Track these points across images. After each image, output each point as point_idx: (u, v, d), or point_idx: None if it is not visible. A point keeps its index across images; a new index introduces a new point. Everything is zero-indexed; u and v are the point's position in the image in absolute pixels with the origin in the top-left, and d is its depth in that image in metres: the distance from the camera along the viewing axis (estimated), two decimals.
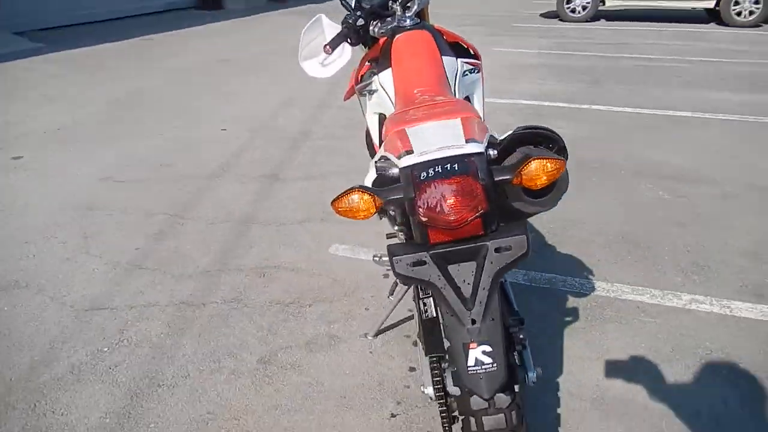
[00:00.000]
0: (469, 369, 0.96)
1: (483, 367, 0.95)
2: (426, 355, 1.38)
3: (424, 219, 0.88)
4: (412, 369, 1.96)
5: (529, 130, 1.07)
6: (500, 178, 0.95)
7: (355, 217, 1.02)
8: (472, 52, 2.06)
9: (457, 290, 0.96)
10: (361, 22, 1.90)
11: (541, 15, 11.50)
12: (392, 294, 2.03)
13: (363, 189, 1.01)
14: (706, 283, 2.43)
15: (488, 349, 0.94)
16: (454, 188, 0.90)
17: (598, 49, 7.77)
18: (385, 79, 1.93)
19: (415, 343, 2.08)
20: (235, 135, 4.41)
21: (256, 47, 8.06)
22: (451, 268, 0.97)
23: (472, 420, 1.10)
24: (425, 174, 0.92)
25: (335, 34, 1.91)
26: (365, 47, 2.15)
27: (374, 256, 2.07)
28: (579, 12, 10.36)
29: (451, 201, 0.89)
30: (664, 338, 2.09)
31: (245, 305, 2.32)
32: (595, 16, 10.50)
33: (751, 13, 9.45)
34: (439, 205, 0.89)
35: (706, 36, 8.91)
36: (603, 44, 8.18)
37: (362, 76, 2.13)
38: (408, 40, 1.88)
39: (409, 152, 1.03)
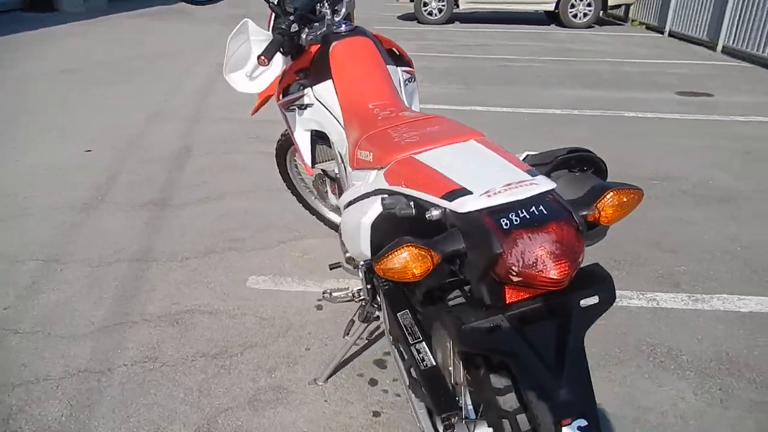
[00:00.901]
0: None
1: None
2: (440, 413, 1.21)
3: (516, 279, 0.71)
4: (376, 414, 1.78)
5: (571, 154, 0.95)
6: (581, 214, 0.81)
7: (405, 278, 0.83)
8: (405, 60, 1.92)
9: (540, 357, 0.81)
10: (295, 27, 1.67)
11: (399, 17, 11.73)
12: (348, 334, 1.82)
13: (414, 244, 0.82)
14: (626, 278, 2.53)
15: (584, 423, 0.80)
16: (554, 237, 0.74)
17: (461, 51, 8.06)
18: (323, 92, 1.72)
19: (372, 383, 1.90)
20: (103, 155, 3.85)
21: (105, 54, 7.23)
22: (528, 330, 0.81)
23: None
24: (508, 222, 0.75)
25: (266, 42, 1.65)
26: (286, 56, 1.91)
27: (324, 293, 1.85)
28: (435, 14, 10.71)
29: (554, 254, 0.73)
30: (610, 339, 2.12)
31: (163, 364, 1.97)
32: (450, 19, 10.94)
33: (585, 15, 10.43)
34: (539, 261, 0.72)
35: (549, 36, 9.65)
36: (464, 46, 8.50)
37: (286, 89, 1.90)
38: (349, 49, 1.69)
39: (464, 192, 0.85)
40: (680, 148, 4.22)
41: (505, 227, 0.74)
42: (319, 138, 1.97)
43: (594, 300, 0.82)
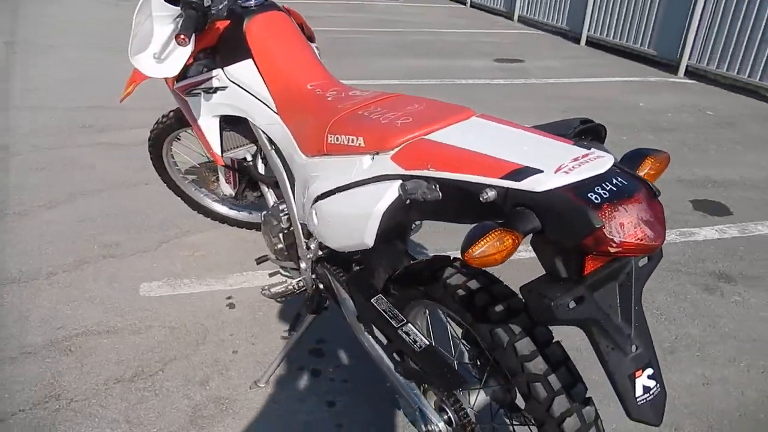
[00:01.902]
0: (638, 401, 0.88)
1: (651, 392, 0.88)
2: (451, 390, 1.22)
3: (615, 249, 0.74)
4: (331, 404, 1.73)
5: (585, 125, 1.01)
6: None
7: (488, 265, 0.81)
8: (309, 35, 1.84)
9: (613, 319, 0.86)
10: (209, 0, 1.49)
11: None
12: (293, 329, 1.73)
13: (501, 228, 0.80)
14: None
15: (651, 371, 0.87)
16: (644, 206, 0.78)
17: None
18: (240, 72, 1.58)
19: (316, 373, 1.84)
20: None
21: None
22: (599, 296, 0.85)
23: None
24: (597, 196, 0.77)
25: (170, 18, 1.45)
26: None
27: (263, 290, 1.73)
28: None
29: (649, 222, 0.76)
30: None
31: (71, 400, 1.69)
32: None
33: None
34: (638, 230, 0.75)
35: (365, 8, 9.86)
36: None
37: (184, 71, 1.71)
38: (268, 25, 1.56)
39: (532, 171, 0.85)
40: (517, 110, 4.65)
41: (596, 201, 0.77)
42: (226, 124, 1.81)
43: (646, 259, 0.90)
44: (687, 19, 6.14)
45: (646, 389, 0.87)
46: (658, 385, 0.88)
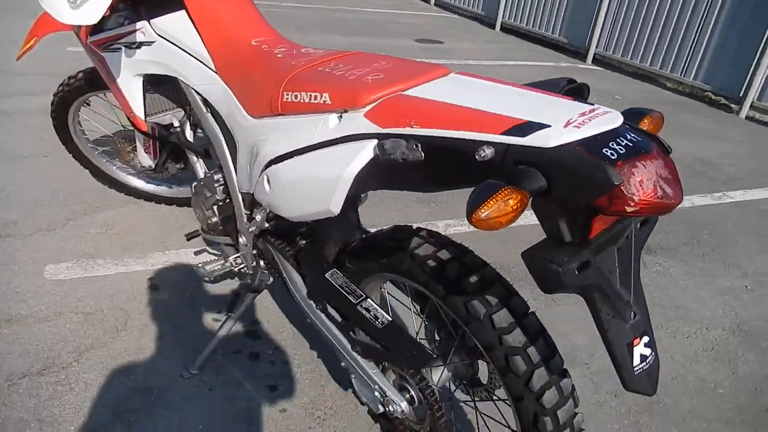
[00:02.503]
0: (636, 370, 0.83)
1: (647, 361, 0.84)
2: (418, 368, 1.15)
3: (632, 209, 0.68)
4: (272, 388, 1.62)
5: (571, 84, 0.95)
6: None
7: (494, 227, 0.73)
8: None
9: (614, 284, 0.80)
10: None
11: None
12: (231, 309, 1.59)
13: (510, 187, 0.72)
14: (439, 212, 2.73)
15: (647, 339, 0.84)
16: (661, 163, 0.72)
17: None
18: (170, 26, 1.42)
19: (254, 357, 1.71)
20: None
21: None
22: (600, 260, 0.80)
23: (547, 419, 0.99)
24: (613, 152, 0.71)
25: None
26: None
27: (197, 267, 1.57)
28: None
29: (668, 179, 0.71)
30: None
31: None
32: None
33: None
34: (658, 188, 0.70)
35: None
36: None
37: (104, 21, 1.51)
38: None
39: (537, 125, 0.77)
40: None
41: (612, 157, 0.71)
42: (150, 85, 1.62)
43: (643, 222, 0.86)
44: (595, 10, 6.43)
45: (643, 358, 0.83)
46: (653, 353, 0.85)
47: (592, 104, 0.84)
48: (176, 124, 1.68)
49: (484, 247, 2.03)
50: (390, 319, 1.18)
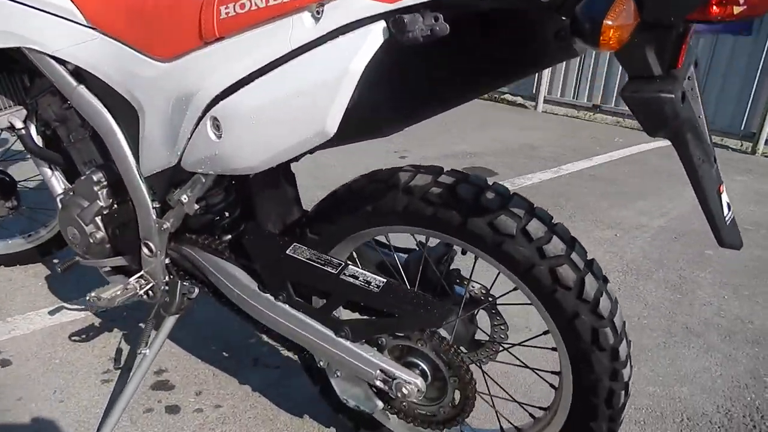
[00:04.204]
0: (726, 219, 0.74)
1: (731, 210, 0.76)
2: (436, 325, 0.96)
3: (740, 9, 0.59)
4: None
5: None
6: None
7: (618, 42, 0.60)
8: None
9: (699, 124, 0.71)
10: None
11: None
12: (146, 345, 1.21)
13: None
14: None
15: (724, 186, 0.76)
16: None
17: None
18: None
19: (173, 410, 1.35)
20: None
21: None
22: None
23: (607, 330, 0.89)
24: None
25: None
26: None
27: (89, 299, 1.19)
28: None
29: None
30: None
31: None
32: None
33: None
34: None
35: None
36: None
37: None
38: None
39: None
40: None
41: None
42: None
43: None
44: None
45: (729, 206, 0.77)
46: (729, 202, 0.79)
47: None
48: (18, 125, 1.28)
49: None
50: (386, 279, 0.99)
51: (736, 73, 4.48)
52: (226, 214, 1.14)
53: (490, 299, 1.13)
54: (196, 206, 1.06)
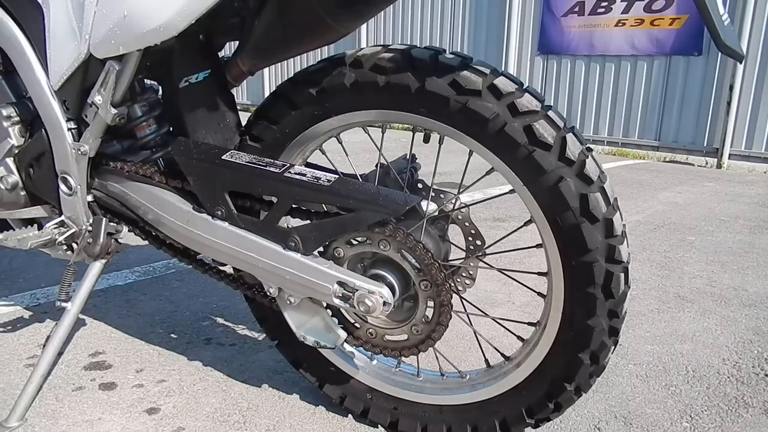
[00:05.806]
0: (723, 19, 0.64)
1: (726, 11, 0.67)
2: (399, 213, 0.82)
3: None
4: (152, 411, 1.09)
5: None
6: None
7: None
8: None
9: None
10: None
11: None
12: (66, 299, 1.03)
13: None
14: None
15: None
16: None
17: None
18: None
19: (109, 387, 1.15)
20: None
21: None
22: None
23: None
24: None
25: None
26: None
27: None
28: None
29: None
30: None
31: None
32: None
33: None
34: None
35: None
36: None
37: None
38: None
39: None
40: None
41: None
42: None
43: None
44: None
45: (724, 5, 0.68)
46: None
47: None
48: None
49: None
50: (338, 171, 0.86)
51: (693, 92, 4.58)
52: (153, 128, 1.00)
53: (462, 205, 1.00)
54: (114, 111, 0.91)
